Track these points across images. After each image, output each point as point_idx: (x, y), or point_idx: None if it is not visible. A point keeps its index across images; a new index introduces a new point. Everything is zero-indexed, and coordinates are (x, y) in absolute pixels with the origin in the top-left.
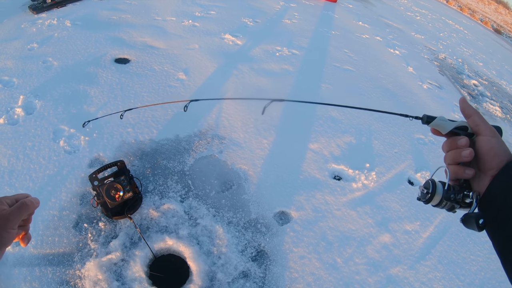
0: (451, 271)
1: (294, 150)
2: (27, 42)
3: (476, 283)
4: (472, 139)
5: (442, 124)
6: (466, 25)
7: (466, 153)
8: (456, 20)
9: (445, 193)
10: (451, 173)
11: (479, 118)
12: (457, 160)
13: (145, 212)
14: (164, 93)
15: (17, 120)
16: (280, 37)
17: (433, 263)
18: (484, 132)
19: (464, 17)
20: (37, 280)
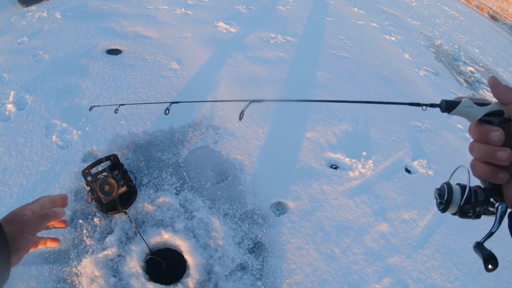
0: (448, 259)
1: (290, 139)
2: (17, 36)
3: (473, 271)
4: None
5: (468, 112)
6: (462, 11)
7: (503, 156)
8: (452, 7)
9: (463, 203)
10: (477, 173)
11: None
12: (488, 159)
13: (140, 206)
14: (157, 84)
15: (8, 116)
16: (274, 24)
17: (431, 252)
18: None
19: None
20: (34, 279)
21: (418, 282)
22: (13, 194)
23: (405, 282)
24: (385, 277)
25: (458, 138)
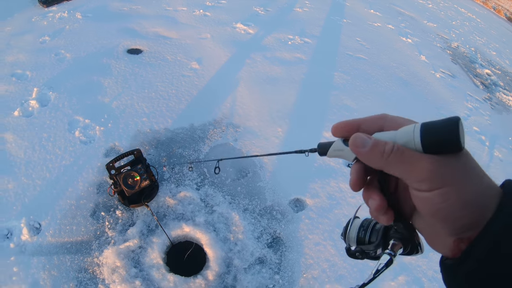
0: None
1: (309, 138)
2: (38, 35)
3: None
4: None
5: (340, 154)
6: (478, 13)
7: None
8: (468, 8)
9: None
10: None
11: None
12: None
13: (161, 200)
14: (178, 83)
15: (31, 112)
16: (292, 26)
17: None
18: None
19: (477, 5)
20: (56, 268)
21: (432, 281)
22: (36, 187)
23: (420, 280)
24: (400, 275)
25: (474, 140)
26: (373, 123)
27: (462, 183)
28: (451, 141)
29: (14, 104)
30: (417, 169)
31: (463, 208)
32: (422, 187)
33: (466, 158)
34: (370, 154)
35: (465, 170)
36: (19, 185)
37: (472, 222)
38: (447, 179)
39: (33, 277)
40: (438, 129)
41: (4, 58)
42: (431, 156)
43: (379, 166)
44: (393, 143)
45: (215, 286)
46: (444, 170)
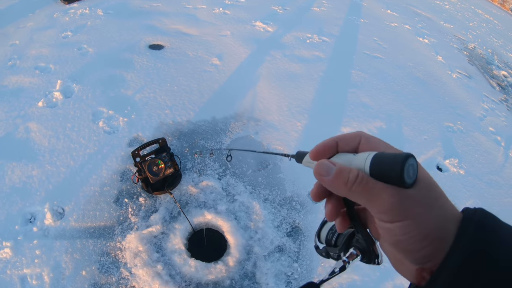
0: None
1: (327, 133)
2: (61, 30)
3: None
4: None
5: (310, 166)
6: (496, 15)
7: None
8: (486, 10)
9: (317, 244)
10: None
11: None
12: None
13: (184, 189)
14: (200, 78)
15: (55, 103)
16: (310, 25)
17: None
18: (375, 214)
19: (494, 6)
20: (78, 252)
21: None
22: (60, 174)
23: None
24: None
25: (490, 141)
26: (350, 141)
27: (422, 216)
28: (394, 177)
29: (38, 95)
30: (379, 200)
31: (423, 240)
32: (383, 218)
33: (428, 190)
34: (333, 182)
35: (427, 202)
36: (43, 172)
37: (432, 253)
38: (408, 212)
39: (55, 260)
40: (385, 163)
41: (27, 52)
42: (393, 188)
43: (343, 194)
44: (357, 171)
45: (235, 272)
46: (405, 203)
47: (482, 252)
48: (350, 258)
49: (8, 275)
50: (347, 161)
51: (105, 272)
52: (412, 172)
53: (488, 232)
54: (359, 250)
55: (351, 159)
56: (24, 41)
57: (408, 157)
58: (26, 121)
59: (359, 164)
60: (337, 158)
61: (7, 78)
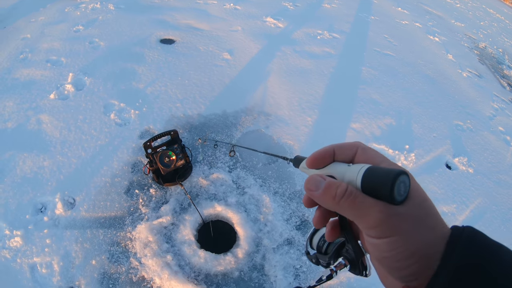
0: None
1: (337, 128)
2: (72, 24)
3: None
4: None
5: (305, 171)
6: (507, 14)
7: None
8: (497, 9)
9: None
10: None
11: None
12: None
13: (194, 181)
14: (211, 72)
15: (67, 96)
16: (320, 21)
17: None
18: (363, 229)
19: (506, 6)
20: (88, 241)
21: None
22: (72, 165)
23: None
24: None
25: (499, 140)
26: (347, 151)
27: (410, 234)
28: (384, 193)
29: (49, 87)
30: (367, 216)
31: (409, 258)
32: (371, 234)
33: (419, 207)
34: (322, 197)
35: (415, 220)
36: (55, 163)
37: (419, 271)
38: (396, 229)
39: (65, 249)
40: (376, 177)
41: (39, 45)
42: (382, 204)
43: (332, 209)
44: (346, 186)
45: (244, 264)
46: (393, 220)
47: (470, 270)
48: (338, 267)
49: (19, 264)
50: (341, 171)
51: (115, 261)
52: (404, 189)
53: (476, 248)
54: (348, 261)
55: (344, 170)
56: (35, 35)
57: (400, 174)
58: (37, 113)
59: (351, 176)
60: (332, 167)
61: (18, 71)
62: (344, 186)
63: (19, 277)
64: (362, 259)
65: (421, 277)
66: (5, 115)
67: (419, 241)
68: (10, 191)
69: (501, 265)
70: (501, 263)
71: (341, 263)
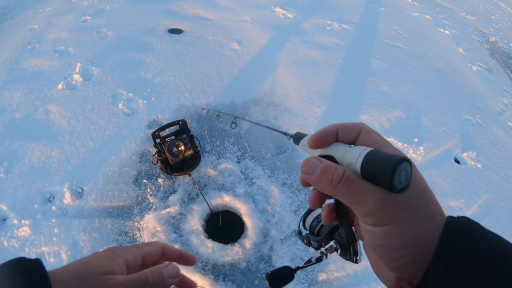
0: None
1: (346, 120)
2: (79, 15)
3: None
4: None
5: (305, 149)
6: None
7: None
8: (508, 3)
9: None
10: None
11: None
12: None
13: (203, 171)
14: (219, 62)
15: (75, 86)
16: (329, 12)
17: None
18: (359, 215)
19: None
20: (96, 231)
21: None
22: (80, 154)
23: None
24: None
25: (508, 136)
26: (350, 131)
27: (407, 223)
28: (384, 180)
29: (57, 78)
30: (364, 203)
31: (404, 248)
32: (367, 221)
33: (419, 197)
34: (318, 181)
35: (413, 209)
36: (63, 153)
37: (412, 263)
38: (393, 217)
39: (73, 238)
40: (377, 163)
41: (46, 36)
42: (381, 192)
43: (328, 193)
44: (343, 170)
45: (252, 254)
46: (390, 208)
47: (467, 261)
48: (329, 250)
49: (27, 253)
50: (341, 153)
51: None
52: (405, 177)
53: (472, 240)
54: (339, 245)
55: (346, 151)
56: (43, 26)
57: (402, 161)
58: (45, 103)
59: (351, 158)
60: (333, 147)
61: (26, 61)
62: (341, 171)
63: None
64: (354, 245)
65: (413, 270)
66: (13, 106)
67: (416, 232)
68: (18, 180)
69: (498, 255)
70: (498, 254)
71: (332, 246)
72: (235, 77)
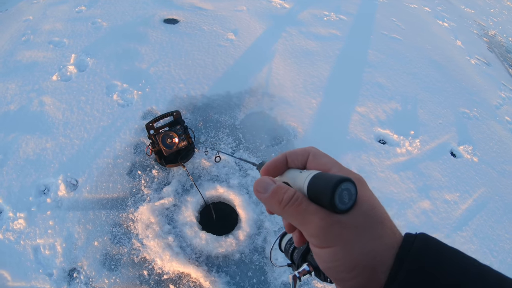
0: (485, 245)
1: (342, 111)
2: (74, 5)
3: (508, 261)
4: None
5: None
6: None
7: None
8: None
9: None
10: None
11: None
12: None
13: (197, 162)
14: (215, 52)
15: (70, 77)
16: (327, 2)
17: (469, 235)
18: (307, 237)
19: None
20: (91, 223)
21: None
22: (74, 146)
23: None
24: None
25: (505, 130)
26: (299, 157)
27: (352, 244)
28: (325, 201)
29: (52, 69)
30: (309, 223)
31: (352, 270)
32: (313, 242)
33: (366, 216)
34: (269, 201)
35: (360, 229)
36: (57, 144)
37: (364, 284)
38: (337, 238)
39: (68, 230)
40: (319, 185)
41: (41, 27)
42: (324, 213)
43: (278, 213)
44: (294, 192)
45: (245, 246)
46: (334, 229)
47: (420, 281)
48: (302, 273)
49: (22, 245)
50: (292, 178)
51: (117, 242)
52: (348, 197)
53: (428, 259)
54: (312, 267)
55: (296, 176)
56: (37, 17)
57: (341, 181)
58: (40, 94)
59: (300, 183)
60: (286, 174)
61: (21, 53)
62: (291, 192)
63: (22, 258)
64: None
65: None
66: (8, 98)
67: (361, 252)
68: (13, 173)
69: (452, 272)
70: (453, 270)
71: (305, 269)
72: (231, 67)
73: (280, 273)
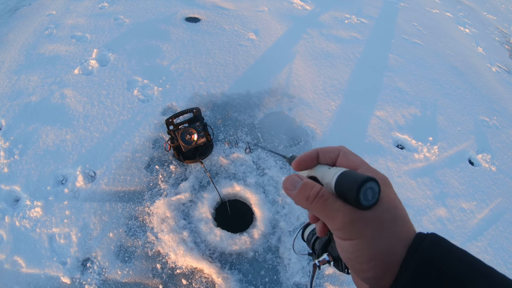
0: (500, 256)
1: (360, 115)
2: (97, 1)
3: None
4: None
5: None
6: None
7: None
8: None
9: (305, 238)
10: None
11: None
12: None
13: (215, 159)
14: (235, 51)
15: (91, 71)
16: (348, 5)
17: (484, 245)
18: (332, 230)
19: None
20: (107, 214)
21: None
22: (94, 138)
23: None
24: None
25: None
26: (330, 154)
27: (373, 238)
28: (351, 198)
29: (74, 63)
30: (335, 218)
31: (370, 261)
32: (338, 235)
33: (386, 213)
34: (297, 197)
35: (380, 225)
36: (77, 136)
37: (380, 275)
38: (359, 232)
39: (84, 221)
40: (346, 182)
41: (64, 21)
42: (349, 208)
43: (305, 208)
44: (320, 188)
45: (259, 244)
46: (357, 224)
47: (429, 273)
48: (321, 262)
49: (38, 233)
50: (322, 173)
51: (132, 235)
52: (372, 195)
53: (437, 254)
54: (332, 257)
55: (325, 172)
56: (60, 11)
57: (367, 180)
58: (61, 87)
59: (328, 179)
60: (316, 169)
61: (43, 46)
62: (317, 188)
63: (37, 246)
64: None
65: (382, 281)
66: (30, 89)
67: (380, 246)
68: (32, 162)
69: (462, 266)
70: (462, 264)
71: (325, 259)
72: (251, 67)
73: (292, 273)
